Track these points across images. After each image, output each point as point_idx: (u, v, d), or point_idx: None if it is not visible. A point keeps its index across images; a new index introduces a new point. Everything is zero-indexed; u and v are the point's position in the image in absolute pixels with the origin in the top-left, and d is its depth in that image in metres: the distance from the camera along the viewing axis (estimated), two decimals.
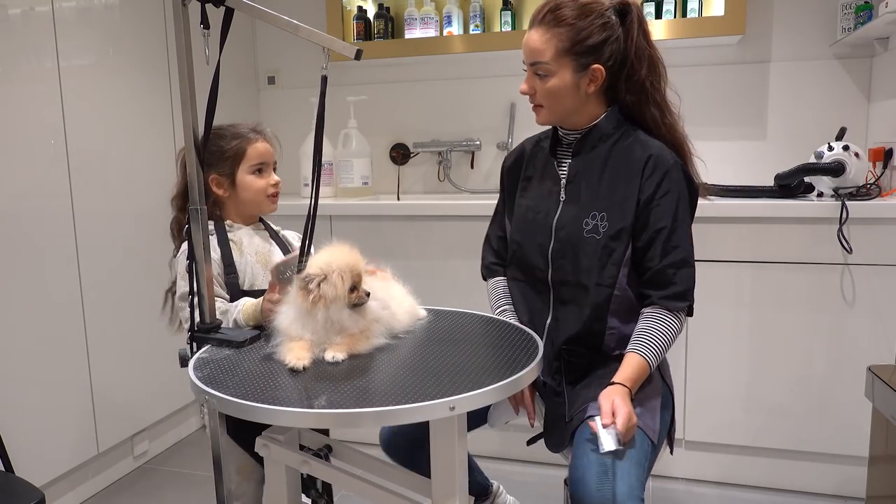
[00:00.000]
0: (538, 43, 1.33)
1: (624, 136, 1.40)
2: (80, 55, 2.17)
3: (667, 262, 1.34)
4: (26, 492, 1.42)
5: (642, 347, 1.31)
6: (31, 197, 2.01)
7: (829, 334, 2.08)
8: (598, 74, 1.35)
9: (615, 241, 1.35)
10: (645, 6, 2.52)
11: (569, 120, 1.41)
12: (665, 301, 1.34)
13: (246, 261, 1.51)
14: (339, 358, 1.11)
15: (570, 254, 1.38)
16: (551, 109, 1.39)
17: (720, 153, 2.65)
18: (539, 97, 1.38)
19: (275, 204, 1.60)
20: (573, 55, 1.32)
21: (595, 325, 1.38)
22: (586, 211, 1.37)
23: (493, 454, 2.37)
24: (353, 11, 2.87)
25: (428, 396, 0.94)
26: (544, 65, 1.33)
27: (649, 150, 1.36)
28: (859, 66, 2.47)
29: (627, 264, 1.36)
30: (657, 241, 1.34)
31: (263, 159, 1.56)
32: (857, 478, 2.03)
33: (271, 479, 1.21)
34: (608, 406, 1.21)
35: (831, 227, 2.01)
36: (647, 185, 1.34)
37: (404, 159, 3.01)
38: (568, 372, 1.40)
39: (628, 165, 1.36)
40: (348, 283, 1.14)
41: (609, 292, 1.36)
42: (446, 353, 1.14)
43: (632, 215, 1.35)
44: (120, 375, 2.33)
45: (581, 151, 1.41)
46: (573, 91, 1.35)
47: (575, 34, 1.31)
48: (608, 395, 1.23)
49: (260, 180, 1.56)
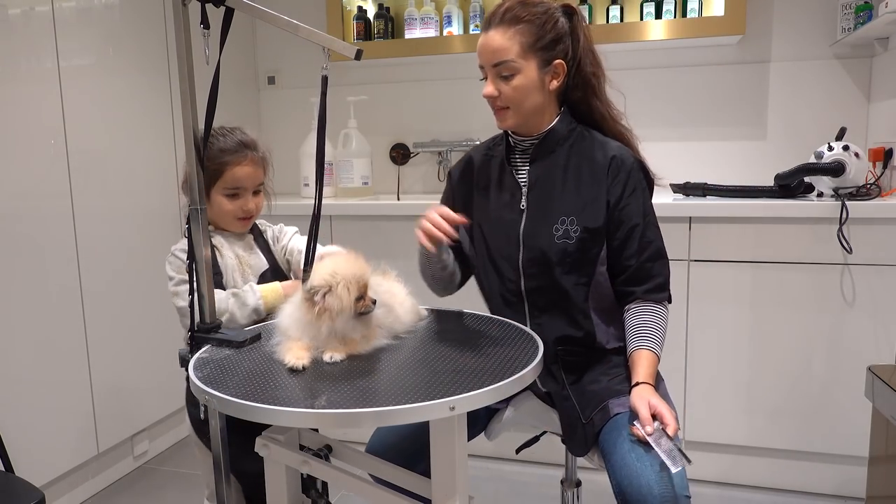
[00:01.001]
0: (501, 41, 1.32)
1: (579, 138, 1.40)
2: (80, 55, 2.17)
3: (644, 257, 1.36)
4: (26, 492, 1.42)
5: (647, 342, 1.31)
6: (31, 197, 2.01)
7: (829, 334, 2.08)
8: (560, 69, 1.35)
9: (589, 243, 1.35)
10: (645, 6, 2.53)
11: (531, 121, 1.39)
12: (649, 294, 1.36)
13: (225, 263, 1.51)
14: (336, 358, 1.10)
15: (542, 262, 1.37)
16: (517, 110, 1.36)
17: (720, 153, 2.65)
18: (504, 99, 1.35)
19: (246, 226, 1.56)
20: (537, 50, 1.33)
21: (584, 324, 1.38)
22: (554, 217, 1.37)
23: (493, 454, 2.38)
24: (353, 11, 2.87)
25: (428, 396, 0.94)
26: (510, 63, 1.32)
27: (610, 150, 1.38)
28: (859, 66, 2.47)
29: (604, 262, 1.37)
30: (632, 238, 1.36)
31: (239, 185, 1.49)
32: (857, 478, 2.03)
33: (271, 479, 1.21)
34: (646, 410, 1.18)
35: (831, 227, 2.01)
36: (615, 187, 1.36)
37: (404, 159, 3.01)
38: (567, 372, 1.39)
39: (592, 167, 1.37)
40: (354, 294, 1.12)
41: (586, 290, 1.37)
42: (446, 353, 1.14)
43: (603, 216, 1.35)
44: (120, 375, 2.33)
45: (538, 157, 1.40)
46: (538, 88, 1.35)
47: (537, 29, 1.32)
48: (641, 398, 1.21)
49: (230, 204, 1.50)
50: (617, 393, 1.33)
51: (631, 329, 1.35)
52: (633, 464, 1.16)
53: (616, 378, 1.36)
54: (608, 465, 1.23)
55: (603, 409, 1.31)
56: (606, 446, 1.25)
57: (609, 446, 1.24)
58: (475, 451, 2.40)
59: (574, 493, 1.59)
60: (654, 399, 1.20)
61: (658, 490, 1.11)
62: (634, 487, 1.13)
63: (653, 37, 2.47)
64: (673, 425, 1.16)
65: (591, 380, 1.38)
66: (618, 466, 1.18)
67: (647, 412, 1.18)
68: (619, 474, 1.17)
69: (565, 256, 1.35)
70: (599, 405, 1.32)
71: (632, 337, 1.34)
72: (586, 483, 1.64)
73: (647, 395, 1.22)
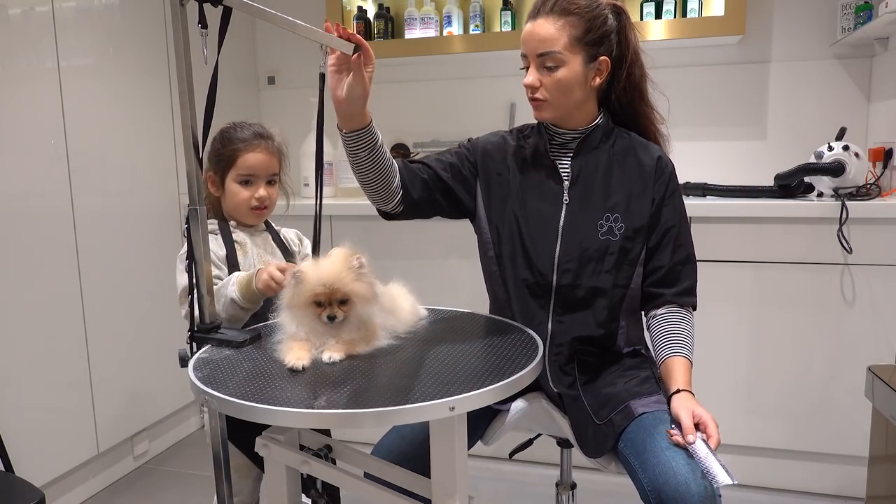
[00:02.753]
0: (550, 31, 1.28)
1: (619, 138, 1.40)
2: (80, 55, 2.17)
3: (676, 259, 1.36)
4: (26, 492, 1.42)
5: (682, 348, 1.30)
6: (31, 197, 2.01)
7: (829, 334, 2.08)
8: (605, 66, 1.33)
9: (631, 242, 1.34)
10: (645, 6, 2.52)
11: (569, 117, 1.37)
12: (677, 297, 1.35)
13: (251, 263, 1.51)
14: (335, 358, 1.10)
15: (580, 257, 1.34)
16: (557, 104, 1.33)
17: (720, 153, 2.65)
18: (545, 90, 1.32)
19: (259, 218, 1.56)
20: (585, 45, 1.30)
21: (610, 327, 1.37)
22: (598, 213, 1.35)
23: (493, 454, 2.38)
24: (353, 11, 2.87)
25: (428, 396, 0.94)
26: (556, 54, 1.29)
27: (655, 151, 1.38)
28: (859, 66, 2.47)
29: (642, 263, 1.37)
30: (667, 239, 1.35)
31: (252, 171, 1.51)
32: (857, 478, 2.03)
33: (271, 479, 1.21)
34: (689, 419, 1.16)
35: (831, 227, 2.01)
36: (659, 186, 1.36)
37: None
38: (581, 373, 1.37)
39: (638, 167, 1.36)
40: (307, 297, 1.12)
41: (624, 292, 1.36)
42: (446, 353, 1.14)
43: (648, 215, 1.35)
44: (120, 375, 2.33)
45: (582, 152, 1.39)
46: (581, 84, 1.32)
47: (587, 23, 1.29)
48: (684, 407, 1.19)
49: (244, 191, 1.52)
50: (637, 394, 1.30)
51: (662, 335, 1.33)
52: (669, 462, 1.13)
53: (633, 380, 1.34)
54: (636, 464, 1.20)
55: (624, 410, 1.28)
56: (632, 446, 1.22)
57: (636, 446, 1.21)
58: (475, 451, 2.39)
59: (570, 496, 1.59)
60: (698, 409, 1.18)
61: (696, 488, 1.09)
62: (671, 486, 1.10)
63: (653, 37, 2.47)
64: (716, 436, 1.14)
65: (605, 382, 1.36)
66: (651, 465, 1.15)
67: (690, 421, 1.16)
68: (653, 472, 1.14)
69: (606, 254, 1.34)
70: (618, 407, 1.30)
71: (664, 343, 1.32)
72: (583, 484, 1.64)
73: (690, 403, 1.20)
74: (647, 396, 1.30)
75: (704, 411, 1.18)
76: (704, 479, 1.09)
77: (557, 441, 1.52)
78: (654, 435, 1.20)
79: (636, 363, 1.39)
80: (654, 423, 1.22)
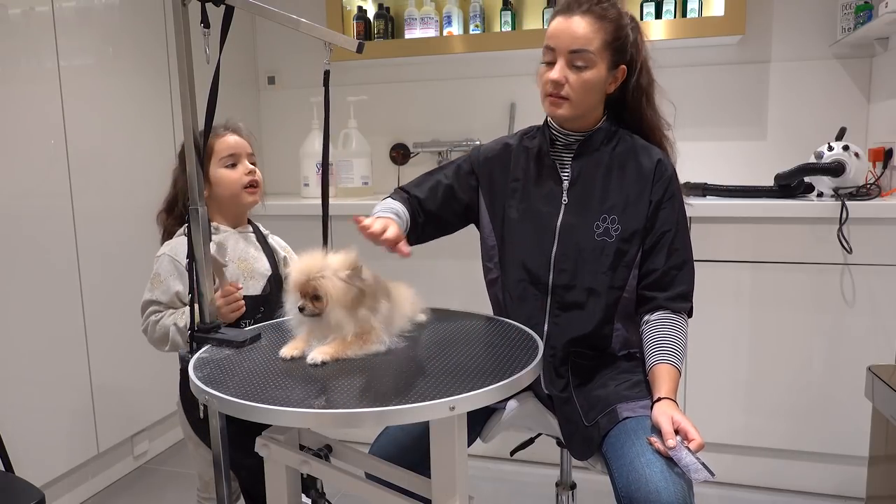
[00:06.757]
0: (588, 31, 1.29)
1: (621, 140, 1.40)
2: (80, 55, 2.17)
3: (670, 263, 1.35)
4: (26, 492, 1.41)
5: (669, 356, 1.29)
6: (31, 197, 2.01)
7: (829, 334, 2.08)
8: (621, 75, 1.35)
9: (627, 244, 1.34)
10: (645, 6, 2.53)
11: (580, 118, 1.37)
12: (670, 303, 1.34)
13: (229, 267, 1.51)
14: (317, 360, 1.09)
15: (576, 258, 1.35)
16: (577, 104, 1.33)
17: (720, 153, 2.65)
18: (570, 88, 1.31)
19: (254, 196, 1.58)
20: (612, 51, 1.32)
21: (604, 329, 1.37)
22: (595, 214, 1.36)
23: (492, 454, 2.37)
24: (353, 11, 2.87)
25: (428, 396, 0.94)
26: (589, 54, 1.29)
27: (655, 154, 1.38)
28: (859, 66, 2.47)
29: (638, 266, 1.36)
30: (662, 243, 1.35)
31: (233, 150, 1.56)
32: (857, 478, 2.03)
33: (271, 479, 1.21)
34: (669, 424, 1.17)
35: (831, 227, 2.01)
36: (657, 189, 1.36)
37: (404, 159, 3.01)
38: (574, 375, 1.38)
39: (637, 169, 1.37)
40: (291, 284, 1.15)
41: (619, 294, 1.36)
42: (446, 353, 1.14)
43: (644, 218, 1.35)
44: (120, 375, 2.33)
45: (583, 153, 1.39)
46: (600, 88, 1.34)
47: (617, 30, 1.31)
48: (664, 414, 1.19)
49: (233, 173, 1.55)
50: (625, 398, 1.31)
51: (651, 341, 1.32)
52: (642, 469, 1.14)
53: (624, 383, 1.35)
54: (614, 468, 1.21)
55: (610, 413, 1.29)
56: (613, 450, 1.24)
57: (616, 450, 1.22)
58: (475, 451, 2.39)
59: (570, 496, 1.59)
60: (677, 415, 1.19)
61: (666, 496, 1.10)
62: (642, 493, 1.12)
63: (653, 37, 2.47)
64: (698, 439, 1.14)
65: (598, 384, 1.37)
66: (625, 471, 1.17)
67: (669, 426, 1.16)
68: (627, 479, 1.15)
69: (602, 255, 1.34)
70: (606, 409, 1.31)
71: (653, 350, 1.31)
72: (583, 484, 1.64)
73: (670, 410, 1.20)
74: (635, 401, 1.30)
75: (683, 417, 1.18)
76: (675, 486, 1.11)
77: (557, 441, 1.52)
78: (633, 440, 1.21)
79: (630, 367, 1.39)
80: (635, 429, 1.23)
